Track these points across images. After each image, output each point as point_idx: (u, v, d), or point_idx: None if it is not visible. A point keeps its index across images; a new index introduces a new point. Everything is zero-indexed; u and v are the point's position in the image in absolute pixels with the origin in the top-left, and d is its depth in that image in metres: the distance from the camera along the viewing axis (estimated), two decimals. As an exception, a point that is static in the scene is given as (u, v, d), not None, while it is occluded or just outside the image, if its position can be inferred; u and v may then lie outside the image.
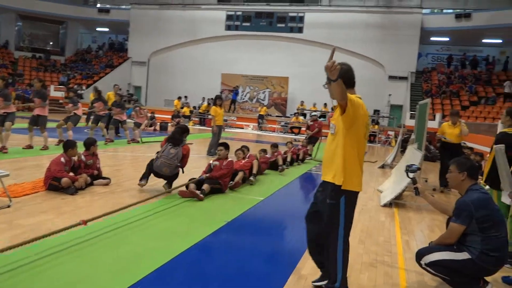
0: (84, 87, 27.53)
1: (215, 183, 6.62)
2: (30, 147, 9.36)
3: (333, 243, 3.20)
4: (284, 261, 4.18)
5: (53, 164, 6.03)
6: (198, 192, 6.21)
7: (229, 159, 7.00)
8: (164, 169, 6.46)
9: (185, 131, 6.90)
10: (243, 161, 7.87)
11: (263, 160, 9.11)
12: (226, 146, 7.12)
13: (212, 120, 11.19)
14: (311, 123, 12.68)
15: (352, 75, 3.25)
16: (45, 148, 9.48)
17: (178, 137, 6.70)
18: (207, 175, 6.62)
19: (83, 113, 12.13)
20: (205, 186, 6.38)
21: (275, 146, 10.10)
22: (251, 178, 7.72)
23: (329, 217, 3.20)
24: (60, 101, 22.92)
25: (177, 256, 3.99)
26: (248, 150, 8.35)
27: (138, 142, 12.79)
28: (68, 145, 6.34)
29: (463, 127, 8.42)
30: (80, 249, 3.93)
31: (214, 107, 11.27)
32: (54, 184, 5.89)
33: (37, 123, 9.54)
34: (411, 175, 4.05)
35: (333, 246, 3.20)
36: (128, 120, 14.20)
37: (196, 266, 3.89)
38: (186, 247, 4.24)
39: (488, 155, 8.62)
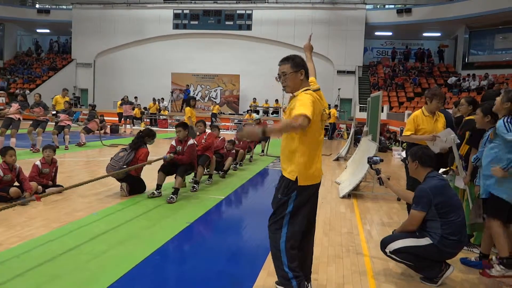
0: (28, 92, 26.18)
1: (186, 169, 6.54)
2: None
3: (276, 239, 3.05)
4: (252, 259, 4.13)
5: None
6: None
7: (190, 143, 6.65)
8: (107, 170, 6.45)
9: (146, 135, 6.75)
10: (203, 140, 7.51)
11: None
12: (184, 126, 6.73)
13: (189, 121, 11.09)
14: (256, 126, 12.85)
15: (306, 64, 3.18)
16: None
17: (136, 140, 6.62)
18: (171, 155, 6.45)
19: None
20: (178, 182, 6.32)
21: (232, 143, 10.02)
22: (208, 181, 7.69)
23: (277, 208, 3.07)
24: (1, 107, 21.68)
25: (141, 262, 3.86)
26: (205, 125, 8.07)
27: (82, 145, 12.55)
28: (1, 152, 5.86)
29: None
30: (38, 263, 3.70)
31: (188, 108, 11.24)
32: (1, 195, 5.54)
33: None
34: (374, 166, 4.13)
35: (275, 241, 3.05)
36: (73, 125, 13.77)
37: (161, 271, 3.78)
38: (150, 252, 4.11)
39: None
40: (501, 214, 3.76)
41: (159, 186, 6.42)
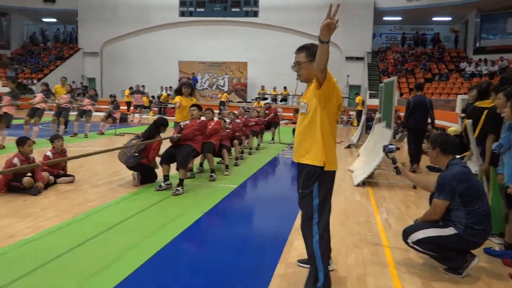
0: (35, 81, 26.26)
1: (187, 153, 6.24)
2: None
3: (308, 235, 2.97)
4: (268, 250, 4.03)
5: (6, 167, 5.58)
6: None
7: (202, 119, 6.74)
8: (119, 157, 6.38)
9: (161, 124, 6.65)
10: (210, 126, 7.33)
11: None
12: (199, 107, 6.80)
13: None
14: (267, 111, 12.68)
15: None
16: (1, 147, 9.21)
17: (150, 130, 6.54)
18: (178, 135, 6.25)
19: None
20: (181, 173, 6.04)
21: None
22: (226, 171, 7.58)
23: (302, 206, 3.03)
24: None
25: (158, 252, 3.79)
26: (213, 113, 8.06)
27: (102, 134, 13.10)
28: (19, 142, 5.82)
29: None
30: (51, 254, 3.64)
31: (178, 96, 11.07)
32: (14, 185, 5.50)
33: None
34: (390, 155, 3.98)
35: (309, 239, 2.97)
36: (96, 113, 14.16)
37: (179, 261, 3.71)
38: (165, 242, 4.03)
39: (448, 129, 8.81)
40: None
41: (166, 177, 6.15)
